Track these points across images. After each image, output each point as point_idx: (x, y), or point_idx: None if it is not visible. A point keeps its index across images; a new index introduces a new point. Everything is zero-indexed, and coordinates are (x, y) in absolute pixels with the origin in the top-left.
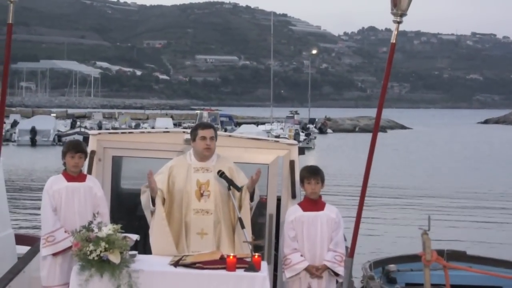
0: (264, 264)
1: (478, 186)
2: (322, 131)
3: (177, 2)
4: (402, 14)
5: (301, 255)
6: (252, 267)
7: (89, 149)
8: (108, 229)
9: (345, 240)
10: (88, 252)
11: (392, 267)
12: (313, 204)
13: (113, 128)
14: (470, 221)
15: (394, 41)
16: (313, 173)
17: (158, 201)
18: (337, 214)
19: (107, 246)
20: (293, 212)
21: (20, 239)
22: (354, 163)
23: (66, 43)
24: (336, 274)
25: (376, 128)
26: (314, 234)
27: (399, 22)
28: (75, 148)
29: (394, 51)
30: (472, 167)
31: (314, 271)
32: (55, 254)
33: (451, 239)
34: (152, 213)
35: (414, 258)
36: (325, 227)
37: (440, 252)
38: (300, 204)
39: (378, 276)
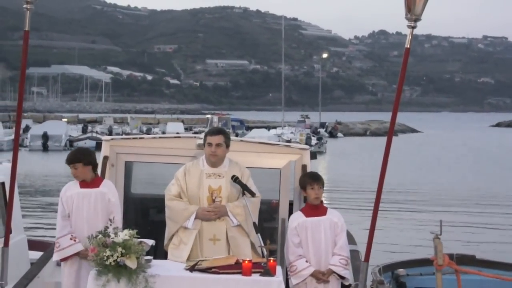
0: (279, 269)
1: (489, 189)
2: (332, 135)
3: (187, 7)
4: (417, 19)
5: (306, 261)
6: (268, 272)
7: (102, 155)
8: (124, 234)
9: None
10: (105, 258)
11: (401, 271)
12: (315, 209)
13: (124, 133)
14: (480, 227)
15: (408, 46)
16: (315, 179)
17: (199, 225)
18: (339, 218)
19: (123, 251)
20: (296, 219)
21: (33, 245)
22: (366, 167)
23: (77, 48)
24: (342, 278)
25: (390, 132)
26: (319, 239)
27: (413, 27)
28: (68, 160)
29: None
30: (483, 171)
31: (320, 276)
32: (62, 260)
33: (461, 243)
34: (181, 226)
35: (424, 262)
36: (329, 231)
37: (450, 256)
38: (302, 210)
39: (387, 280)
